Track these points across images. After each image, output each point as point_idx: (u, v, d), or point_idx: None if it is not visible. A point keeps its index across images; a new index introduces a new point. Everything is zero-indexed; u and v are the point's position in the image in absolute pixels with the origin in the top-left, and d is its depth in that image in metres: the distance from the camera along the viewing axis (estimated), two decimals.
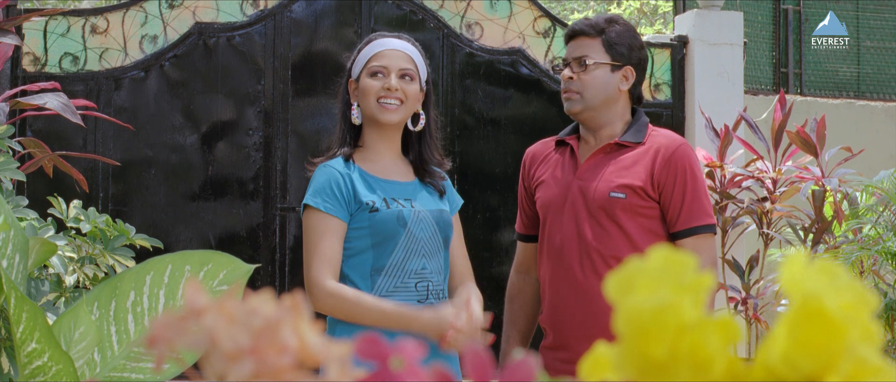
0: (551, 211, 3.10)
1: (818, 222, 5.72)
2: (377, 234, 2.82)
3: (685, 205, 3.01)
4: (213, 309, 0.58)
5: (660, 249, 0.61)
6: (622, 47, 3.10)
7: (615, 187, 3.01)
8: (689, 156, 3.05)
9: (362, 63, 2.94)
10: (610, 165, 3.06)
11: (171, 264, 2.28)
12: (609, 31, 3.10)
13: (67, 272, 2.94)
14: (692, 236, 3.03)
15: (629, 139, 3.08)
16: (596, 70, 3.08)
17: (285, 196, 5.94)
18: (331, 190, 2.82)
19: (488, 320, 2.84)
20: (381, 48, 2.94)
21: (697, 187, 3.04)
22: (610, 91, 3.09)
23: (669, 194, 3.02)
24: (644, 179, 3.02)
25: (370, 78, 2.91)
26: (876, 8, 8.07)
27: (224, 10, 5.95)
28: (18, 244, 2.23)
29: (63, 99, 3.46)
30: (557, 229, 3.08)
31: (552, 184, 3.13)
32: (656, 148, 3.05)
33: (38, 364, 2.06)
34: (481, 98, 6.24)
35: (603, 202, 3.01)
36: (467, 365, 0.62)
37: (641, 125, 3.11)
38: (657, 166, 3.02)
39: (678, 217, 3.02)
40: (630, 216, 3.01)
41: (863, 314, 0.59)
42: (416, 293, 2.85)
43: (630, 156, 3.06)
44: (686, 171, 3.02)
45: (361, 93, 2.92)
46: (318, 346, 0.59)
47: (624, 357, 0.60)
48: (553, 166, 3.16)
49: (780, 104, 5.91)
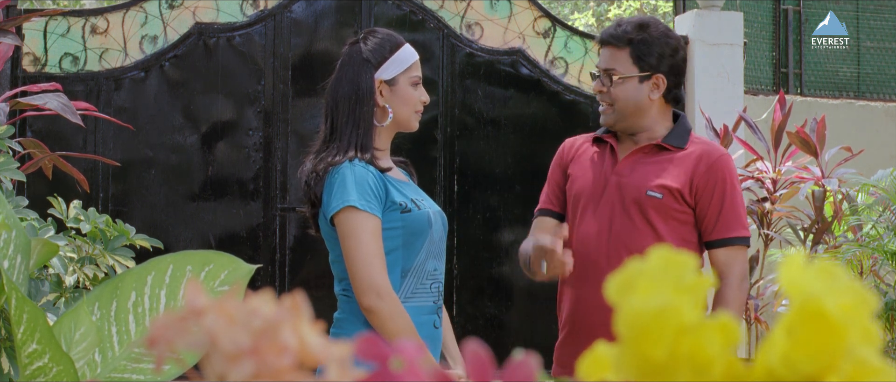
0: (583, 203, 3.08)
1: (818, 223, 5.71)
2: (409, 234, 2.81)
3: (722, 215, 3.00)
4: (213, 310, 0.58)
5: (659, 250, 0.61)
6: (651, 57, 3.04)
7: (653, 186, 3.00)
8: (729, 166, 3.05)
9: (400, 69, 2.90)
10: (649, 164, 3.05)
11: (172, 264, 2.27)
12: (637, 41, 3.04)
13: (67, 273, 2.94)
14: (726, 246, 3.02)
15: (671, 143, 3.06)
16: (624, 83, 3.04)
17: (285, 197, 5.94)
18: (369, 189, 2.78)
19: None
20: (415, 58, 2.93)
21: (735, 198, 3.03)
22: (640, 102, 3.06)
23: (707, 202, 3.01)
24: (683, 182, 3.00)
25: (412, 88, 2.90)
26: (876, 8, 8.07)
27: (224, 10, 5.95)
28: (20, 244, 2.23)
29: (63, 99, 3.47)
30: (588, 221, 3.05)
31: (588, 176, 3.10)
32: (698, 154, 3.03)
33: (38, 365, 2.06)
34: (481, 98, 6.24)
35: (638, 199, 3.00)
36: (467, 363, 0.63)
37: (683, 131, 3.10)
38: (698, 172, 3.01)
39: (714, 226, 3.01)
40: (663, 217, 3.00)
41: (862, 315, 0.59)
42: (431, 293, 2.86)
43: (670, 158, 3.05)
44: (726, 180, 3.01)
45: (401, 100, 2.89)
46: (318, 347, 0.59)
47: (624, 358, 0.60)
48: (590, 159, 3.14)
49: (779, 104, 5.91)
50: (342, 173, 2.79)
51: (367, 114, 2.88)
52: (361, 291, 2.72)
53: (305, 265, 5.96)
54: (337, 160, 2.82)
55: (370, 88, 2.88)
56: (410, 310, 2.79)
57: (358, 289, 2.73)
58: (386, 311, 2.71)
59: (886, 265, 5.33)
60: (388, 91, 2.89)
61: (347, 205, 2.76)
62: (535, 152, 6.16)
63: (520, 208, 6.18)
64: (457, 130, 6.17)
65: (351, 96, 2.89)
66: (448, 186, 6.11)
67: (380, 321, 2.72)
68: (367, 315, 2.73)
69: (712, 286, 0.61)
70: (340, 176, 2.79)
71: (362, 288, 2.72)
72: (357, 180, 2.77)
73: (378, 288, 2.72)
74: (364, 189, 2.77)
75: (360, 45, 2.93)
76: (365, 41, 2.93)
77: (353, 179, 2.77)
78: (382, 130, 2.91)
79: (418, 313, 2.82)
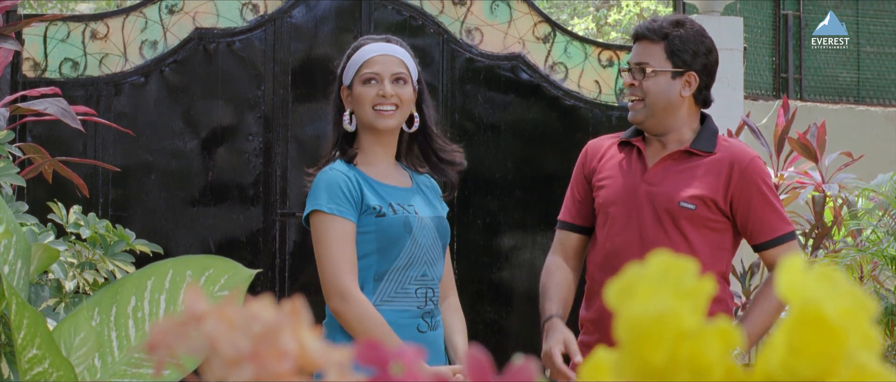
0: (614, 213, 3.05)
1: (818, 228, 5.72)
2: (383, 239, 2.81)
3: (766, 216, 3.00)
4: (213, 315, 0.58)
5: (660, 254, 0.61)
6: (686, 54, 3.04)
7: (686, 197, 2.98)
8: (762, 169, 3.05)
9: (354, 70, 2.92)
10: (680, 172, 3.02)
11: (172, 269, 2.28)
12: (673, 36, 3.03)
13: (67, 278, 2.94)
14: (779, 245, 3.03)
15: (700, 148, 3.03)
16: (656, 77, 3.02)
17: (285, 202, 5.94)
18: (340, 192, 2.79)
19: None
20: (372, 54, 2.92)
21: (772, 197, 3.03)
22: (672, 98, 3.04)
23: (747, 208, 2.99)
24: (716, 191, 2.98)
25: (364, 85, 2.89)
26: (876, 13, 8.08)
27: (224, 15, 5.95)
28: (20, 249, 2.23)
29: (63, 104, 3.47)
30: (619, 230, 3.03)
31: (617, 184, 3.06)
32: (730, 161, 3.01)
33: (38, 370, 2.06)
34: (481, 103, 6.24)
35: (671, 210, 2.98)
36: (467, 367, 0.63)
37: (711, 133, 3.07)
38: (733, 181, 2.99)
39: (760, 230, 3.01)
40: (696, 227, 2.98)
41: (862, 320, 0.59)
42: (415, 298, 2.85)
43: (701, 165, 3.02)
44: (761, 184, 3.01)
45: (356, 100, 2.90)
46: (317, 351, 0.59)
47: (624, 363, 0.60)
48: (618, 165, 3.10)
49: (783, 110, 5.92)
50: (317, 179, 2.84)
51: (337, 121, 2.95)
52: (327, 294, 2.77)
53: (305, 271, 5.96)
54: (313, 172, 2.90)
55: (336, 98, 2.97)
56: (387, 314, 2.78)
57: (324, 292, 2.78)
58: (351, 313, 2.73)
59: (886, 269, 5.33)
60: (350, 95, 2.94)
61: (314, 209, 2.80)
62: (535, 157, 6.16)
63: (520, 213, 6.18)
64: (456, 135, 6.17)
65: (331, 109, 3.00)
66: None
67: (347, 323, 2.74)
68: (336, 318, 2.76)
69: (713, 290, 0.61)
70: (315, 181, 2.84)
71: (328, 291, 2.76)
72: (328, 184, 2.80)
73: (342, 291, 2.74)
74: (334, 192, 2.79)
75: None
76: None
77: (325, 182, 2.81)
78: (364, 135, 2.93)
79: (397, 316, 2.80)
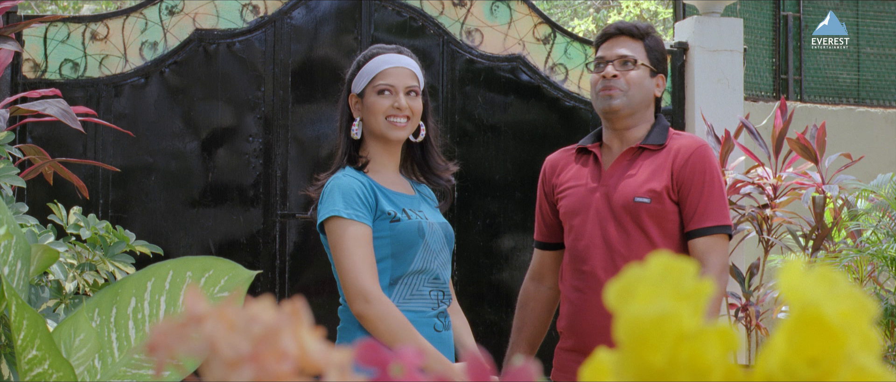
0: (576, 217, 3.12)
1: (818, 229, 5.72)
2: (398, 244, 2.83)
3: (701, 204, 3.03)
4: (213, 316, 0.58)
5: (659, 255, 0.62)
6: (658, 54, 3.17)
7: (641, 192, 3.04)
8: (708, 157, 3.08)
9: (367, 80, 2.95)
10: (634, 169, 3.09)
11: (172, 270, 2.28)
12: (648, 38, 3.16)
13: (67, 279, 2.94)
14: (706, 235, 3.03)
15: (651, 142, 3.11)
16: (640, 70, 3.13)
17: (285, 203, 5.93)
18: (357, 197, 2.81)
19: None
20: (387, 66, 2.95)
21: (715, 187, 3.05)
22: (648, 94, 3.15)
23: (686, 193, 3.04)
24: (666, 181, 3.04)
25: (377, 96, 2.93)
26: (876, 14, 8.07)
27: (224, 16, 5.95)
28: (20, 250, 2.23)
29: (63, 105, 3.47)
30: (582, 234, 3.09)
31: (576, 191, 3.14)
32: (676, 149, 3.08)
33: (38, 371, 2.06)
34: (481, 105, 6.25)
35: (628, 207, 3.03)
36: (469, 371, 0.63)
37: (662, 129, 3.15)
38: (676, 166, 3.05)
39: (693, 216, 3.03)
40: (654, 221, 3.03)
41: (862, 322, 0.59)
42: (430, 300, 2.88)
43: (653, 160, 3.09)
44: (704, 171, 3.04)
45: (368, 110, 2.93)
46: (318, 353, 0.59)
47: (624, 365, 0.60)
48: (576, 173, 3.18)
49: (780, 111, 5.92)
50: (331, 184, 2.86)
51: (346, 128, 2.98)
52: (350, 298, 2.77)
53: (305, 272, 5.96)
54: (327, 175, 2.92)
55: (346, 104, 2.99)
56: (406, 315, 2.81)
57: (347, 296, 2.79)
58: (375, 314, 2.74)
59: (886, 270, 5.33)
60: (360, 104, 2.97)
61: (333, 214, 2.81)
62: (535, 158, 6.16)
63: (520, 215, 6.18)
64: (457, 136, 6.17)
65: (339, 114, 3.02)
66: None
67: (371, 325, 2.75)
68: (360, 321, 2.77)
69: (712, 291, 0.61)
70: (329, 187, 2.86)
71: (351, 295, 2.77)
72: (344, 189, 2.82)
73: (365, 293, 2.75)
74: (351, 198, 2.81)
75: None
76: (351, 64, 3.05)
77: (340, 188, 2.83)
78: (373, 143, 2.97)
79: (414, 317, 2.84)
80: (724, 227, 3.04)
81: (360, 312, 2.75)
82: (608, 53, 3.15)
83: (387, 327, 2.74)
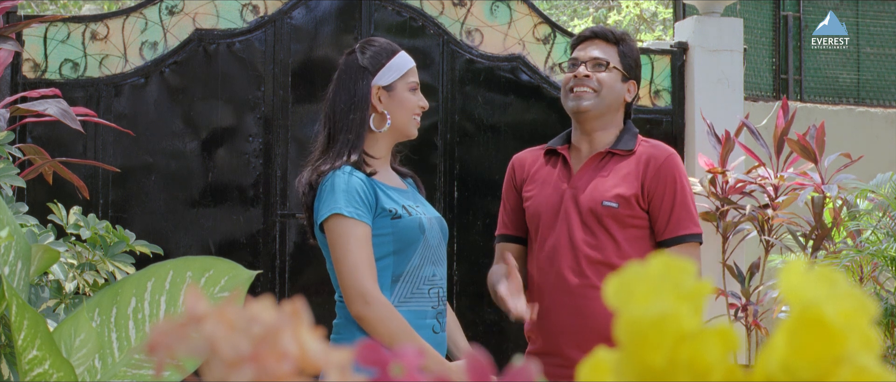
0: (543, 219, 3.14)
1: (818, 229, 5.72)
2: (400, 241, 2.83)
3: (673, 214, 3.07)
4: (213, 316, 0.58)
5: (659, 256, 0.62)
6: (631, 61, 3.21)
7: (609, 196, 3.07)
8: (677, 166, 3.12)
9: (398, 73, 2.93)
10: (603, 173, 3.12)
11: (172, 270, 2.28)
12: (622, 44, 3.21)
13: (67, 279, 2.94)
14: (679, 244, 3.08)
15: (620, 148, 3.14)
16: (612, 73, 3.16)
17: (285, 203, 5.94)
18: (358, 196, 2.80)
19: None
20: (412, 64, 2.98)
21: (685, 196, 3.10)
22: (618, 98, 3.18)
23: (658, 203, 3.07)
24: (635, 188, 3.07)
25: (410, 92, 2.93)
26: (876, 14, 8.07)
27: (224, 16, 5.95)
28: (21, 250, 2.23)
29: (63, 105, 3.47)
30: (549, 236, 3.11)
31: (544, 192, 3.16)
32: (646, 158, 3.11)
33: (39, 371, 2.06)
34: (481, 105, 6.25)
35: (596, 210, 3.06)
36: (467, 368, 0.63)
37: (631, 135, 3.18)
38: (647, 175, 3.08)
39: (666, 226, 3.08)
40: (621, 226, 3.06)
41: (862, 322, 0.59)
42: (429, 298, 2.88)
43: (622, 165, 3.11)
44: (675, 180, 3.08)
45: (398, 105, 2.92)
46: (318, 353, 0.59)
47: (623, 365, 0.60)
48: (545, 174, 3.20)
49: (782, 111, 5.92)
50: (331, 182, 2.82)
51: (360, 119, 2.91)
52: (350, 298, 2.76)
53: (305, 272, 5.96)
54: (328, 168, 2.86)
55: (366, 95, 2.92)
56: (405, 315, 2.81)
57: (347, 297, 2.78)
58: (375, 316, 2.74)
59: (886, 270, 5.33)
60: (386, 97, 2.93)
61: (334, 213, 2.79)
62: None
63: None
64: (457, 136, 6.17)
65: (347, 104, 2.93)
66: (448, 192, 6.11)
67: (371, 327, 2.75)
68: (360, 323, 2.77)
69: (712, 292, 0.61)
70: (329, 184, 2.82)
71: (351, 296, 2.76)
72: (345, 188, 2.80)
73: (365, 295, 2.75)
74: (352, 196, 2.79)
75: (356, 54, 2.96)
76: (362, 51, 2.97)
77: (342, 186, 2.80)
78: (380, 136, 2.94)
79: (414, 317, 2.84)
80: (696, 235, 3.10)
81: (360, 314, 2.75)
82: (582, 54, 3.19)
83: (386, 329, 2.74)
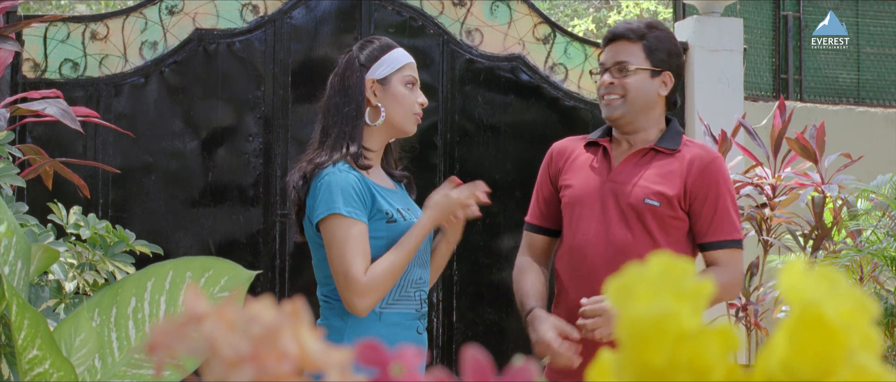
0: (579, 210, 3.08)
1: (818, 229, 5.71)
2: (393, 244, 2.82)
3: (715, 218, 3.02)
4: (213, 316, 0.58)
5: (659, 256, 0.62)
6: (662, 53, 3.09)
7: (651, 193, 3.01)
8: (722, 169, 3.06)
9: (393, 68, 2.91)
10: (645, 170, 3.06)
11: (172, 270, 2.28)
12: (649, 37, 3.08)
13: (67, 279, 2.94)
14: (721, 249, 3.03)
15: (665, 146, 3.07)
16: (637, 75, 3.07)
17: (285, 202, 5.93)
18: (355, 195, 2.79)
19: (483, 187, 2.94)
20: (409, 59, 2.95)
21: (729, 201, 3.04)
22: (650, 96, 3.08)
23: (700, 205, 3.02)
24: (678, 189, 3.02)
25: (405, 88, 2.90)
26: (876, 14, 8.08)
27: (224, 16, 5.95)
28: (21, 250, 2.23)
29: (63, 105, 3.47)
30: (585, 228, 3.06)
31: (583, 183, 3.10)
32: (690, 159, 3.04)
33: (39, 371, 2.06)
34: (481, 105, 6.24)
35: (637, 207, 3.01)
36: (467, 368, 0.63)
37: (676, 133, 3.11)
38: (691, 177, 3.02)
39: (708, 229, 3.02)
40: (660, 224, 3.01)
41: (862, 321, 0.59)
42: (414, 302, 2.88)
43: (665, 163, 3.06)
44: (719, 184, 3.03)
45: (394, 100, 2.90)
46: (317, 352, 0.59)
47: (624, 364, 0.60)
48: (583, 165, 3.14)
49: (779, 111, 5.91)
50: (327, 180, 2.79)
51: (354, 112, 2.89)
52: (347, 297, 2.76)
53: (305, 271, 5.95)
54: (323, 161, 2.83)
55: (359, 86, 2.90)
56: (392, 316, 2.81)
57: (344, 295, 2.76)
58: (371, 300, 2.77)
59: (886, 270, 5.33)
60: (381, 90, 2.90)
61: (333, 212, 2.77)
62: (534, 158, 6.14)
63: (520, 214, 6.16)
64: (457, 136, 6.17)
65: (342, 97, 2.91)
66: None
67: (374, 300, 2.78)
68: (360, 315, 2.76)
69: (712, 292, 0.61)
70: (325, 182, 2.79)
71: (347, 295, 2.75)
72: (342, 187, 2.78)
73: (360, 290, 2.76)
74: (349, 195, 2.78)
75: (354, 51, 2.95)
76: (360, 48, 2.96)
77: (338, 185, 2.78)
78: (375, 130, 2.91)
79: (401, 319, 2.84)
80: (738, 241, 3.05)
81: (359, 307, 2.75)
82: (606, 59, 3.11)
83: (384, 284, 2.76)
